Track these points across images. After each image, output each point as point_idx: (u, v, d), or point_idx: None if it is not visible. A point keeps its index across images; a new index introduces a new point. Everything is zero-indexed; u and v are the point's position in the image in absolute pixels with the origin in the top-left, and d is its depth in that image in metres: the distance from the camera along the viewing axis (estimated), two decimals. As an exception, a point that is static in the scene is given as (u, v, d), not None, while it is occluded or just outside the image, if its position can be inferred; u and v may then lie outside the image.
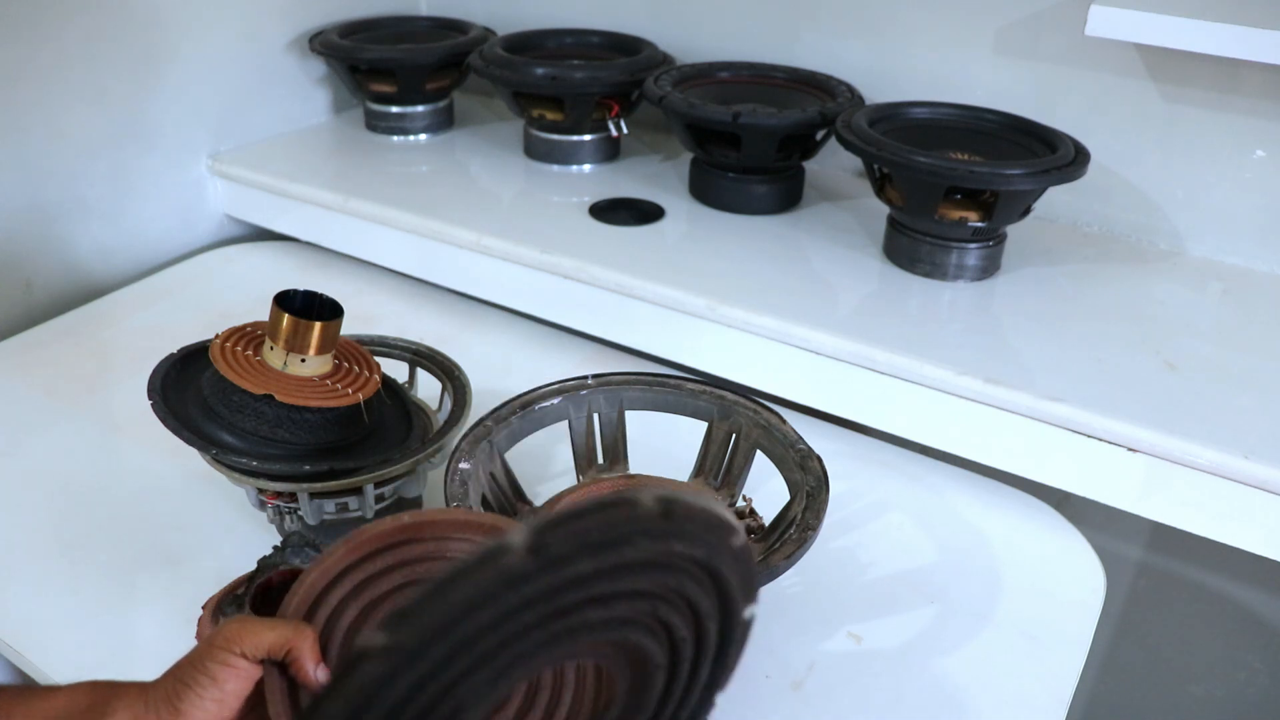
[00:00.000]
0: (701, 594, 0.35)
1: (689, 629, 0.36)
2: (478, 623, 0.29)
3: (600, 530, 0.30)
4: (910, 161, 0.91)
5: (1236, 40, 0.86)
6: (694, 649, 0.37)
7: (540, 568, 0.29)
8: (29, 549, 0.78)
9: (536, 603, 0.30)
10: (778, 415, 0.72)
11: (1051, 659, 0.71)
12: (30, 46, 1.03)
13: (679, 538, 0.32)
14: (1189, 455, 0.76)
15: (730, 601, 0.36)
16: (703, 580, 0.34)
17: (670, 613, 0.35)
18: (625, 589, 0.33)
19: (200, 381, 0.73)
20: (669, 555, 0.32)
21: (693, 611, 0.35)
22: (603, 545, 0.30)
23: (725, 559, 0.34)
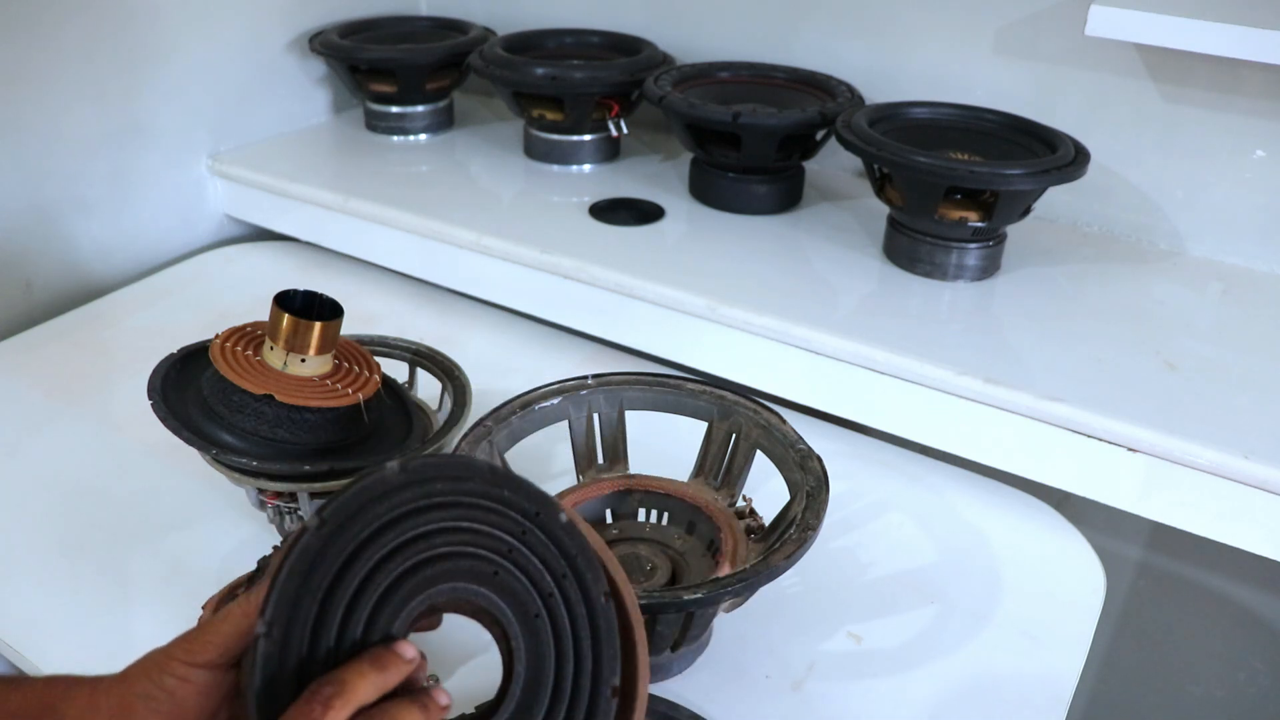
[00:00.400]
0: (549, 557, 0.46)
1: (552, 587, 0.46)
2: (374, 510, 0.43)
3: (448, 466, 0.45)
4: (910, 161, 0.91)
5: (1236, 40, 0.86)
6: (565, 612, 0.46)
7: (407, 479, 0.44)
8: (29, 549, 0.78)
9: (409, 502, 0.44)
10: (778, 415, 0.72)
11: (1051, 659, 0.71)
12: (30, 46, 1.03)
13: (509, 488, 0.46)
14: (1189, 455, 0.76)
15: (581, 577, 0.46)
16: (545, 545, 0.46)
17: (528, 565, 0.45)
18: (475, 516, 0.45)
19: (200, 382, 0.73)
20: (500, 498, 0.45)
21: (551, 575, 0.46)
22: (449, 475, 0.44)
23: (556, 526, 0.46)
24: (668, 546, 0.71)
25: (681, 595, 0.57)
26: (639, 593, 0.58)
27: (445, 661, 0.68)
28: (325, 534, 0.42)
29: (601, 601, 0.46)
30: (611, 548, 0.70)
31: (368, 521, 0.43)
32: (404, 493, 0.44)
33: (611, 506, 0.74)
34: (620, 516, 0.75)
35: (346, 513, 0.43)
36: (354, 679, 0.41)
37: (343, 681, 0.41)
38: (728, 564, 0.66)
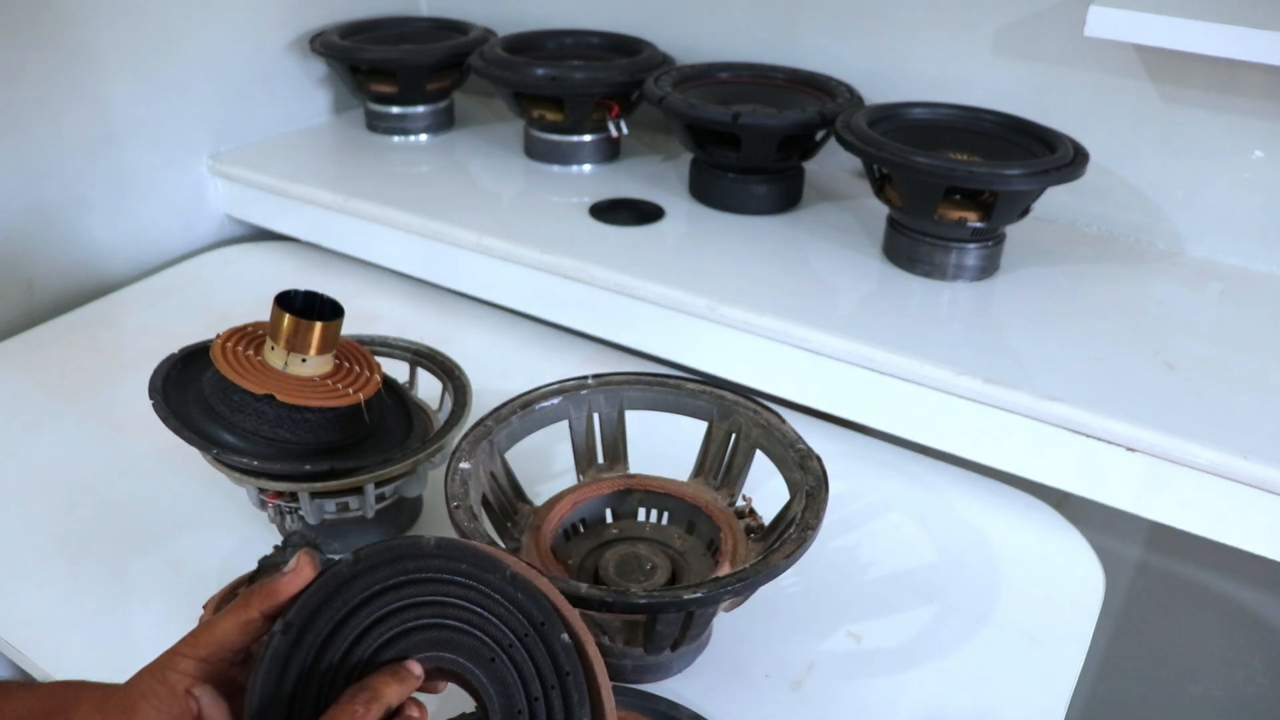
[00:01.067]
0: (543, 666, 0.49)
1: (539, 692, 0.49)
2: (404, 564, 0.48)
3: (392, 551, 0.49)
4: (909, 162, 0.91)
5: (1235, 41, 0.86)
6: (531, 664, 0.49)
7: (439, 551, 0.49)
8: (30, 548, 0.79)
9: (437, 570, 0.49)
10: (777, 415, 0.72)
11: (1051, 658, 0.72)
12: (30, 46, 1.03)
13: (523, 592, 0.49)
14: (1188, 455, 0.76)
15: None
16: (543, 654, 0.49)
17: (524, 664, 0.49)
18: (490, 606, 0.49)
19: (201, 381, 0.73)
20: (514, 599, 0.49)
21: (541, 683, 0.49)
22: (475, 562, 0.49)
23: (555, 642, 0.49)
24: (668, 546, 0.71)
25: (681, 595, 0.57)
26: (639, 592, 0.58)
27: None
28: (357, 568, 0.48)
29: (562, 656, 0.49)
30: (611, 547, 0.71)
31: (395, 571, 0.48)
32: (433, 560, 0.49)
33: (611, 506, 0.75)
34: (620, 516, 0.75)
35: (380, 558, 0.48)
36: (382, 686, 0.45)
37: (375, 688, 0.45)
38: (727, 564, 0.66)
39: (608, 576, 0.67)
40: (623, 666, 0.67)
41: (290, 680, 0.46)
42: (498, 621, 0.49)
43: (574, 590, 0.57)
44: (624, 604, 0.57)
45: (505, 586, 0.49)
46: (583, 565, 0.70)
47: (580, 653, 0.49)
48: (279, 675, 0.46)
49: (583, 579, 0.68)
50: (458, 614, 0.49)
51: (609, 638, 0.65)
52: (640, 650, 0.64)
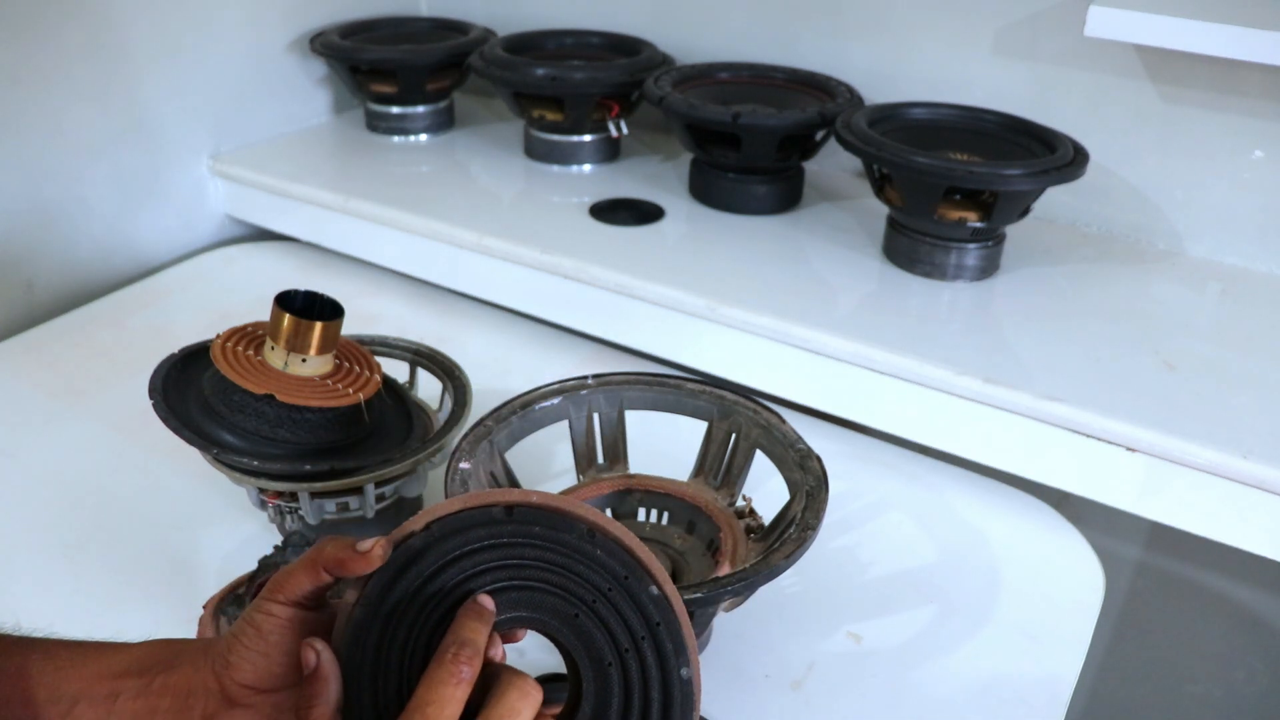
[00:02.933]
0: (632, 619, 0.48)
1: (630, 644, 0.47)
2: (476, 532, 0.47)
3: (462, 521, 0.47)
4: (909, 162, 0.91)
5: (1235, 41, 0.86)
6: (640, 672, 0.47)
7: (509, 517, 0.48)
8: (30, 549, 0.79)
9: (508, 535, 0.48)
10: (777, 415, 0.72)
11: (1051, 658, 0.72)
12: (30, 46, 1.03)
13: (602, 548, 0.48)
14: (1188, 455, 0.76)
15: (660, 646, 0.47)
16: (630, 607, 0.48)
17: (610, 619, 0.47)
18: (568, 564, 0.47)
19: (201, 381, 0.73)
20: (593, 556, 0.48)
21: (630, 634, 0.47)
22: (548, 523, 0.48)
23: (643, 593, 0.48)
24: (668, 546, 0.71)
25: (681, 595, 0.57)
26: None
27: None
28: (428, 539, 0.47)
29: (679, 675, 0.48)
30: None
31: (467, 539, 0.47)
32: (505, 526, 0.48)
33: (611, 506, 0.75)
34: (620, 516, 0.75)
35: (451, 527, 0.47)
36: (470, 634, 0.44)
37: (463, 638, 0.44)
38: (727, 563, 0.66)
39: (608, 576, 0.67)
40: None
41: (369, 651, 0.45)
42: (578, 578, 0.47)
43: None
44: (624, 604, 0.57)
45: (583, 544, 0.48)
46: (583, 565, 0.70)
47: (669, 603, 0.48)
48: (359, 647, 0.45)
49: (583, 579, 0.68)
50: (536, 574, 0.48)
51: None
52: (640, 650, 0.64)
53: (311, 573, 0.46)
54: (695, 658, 0.48)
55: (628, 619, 0.47)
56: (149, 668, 0.47)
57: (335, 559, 0.45)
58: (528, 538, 0.47)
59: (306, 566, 0.46)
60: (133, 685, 0.46)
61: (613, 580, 0.48)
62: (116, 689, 0.46)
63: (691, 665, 0.48)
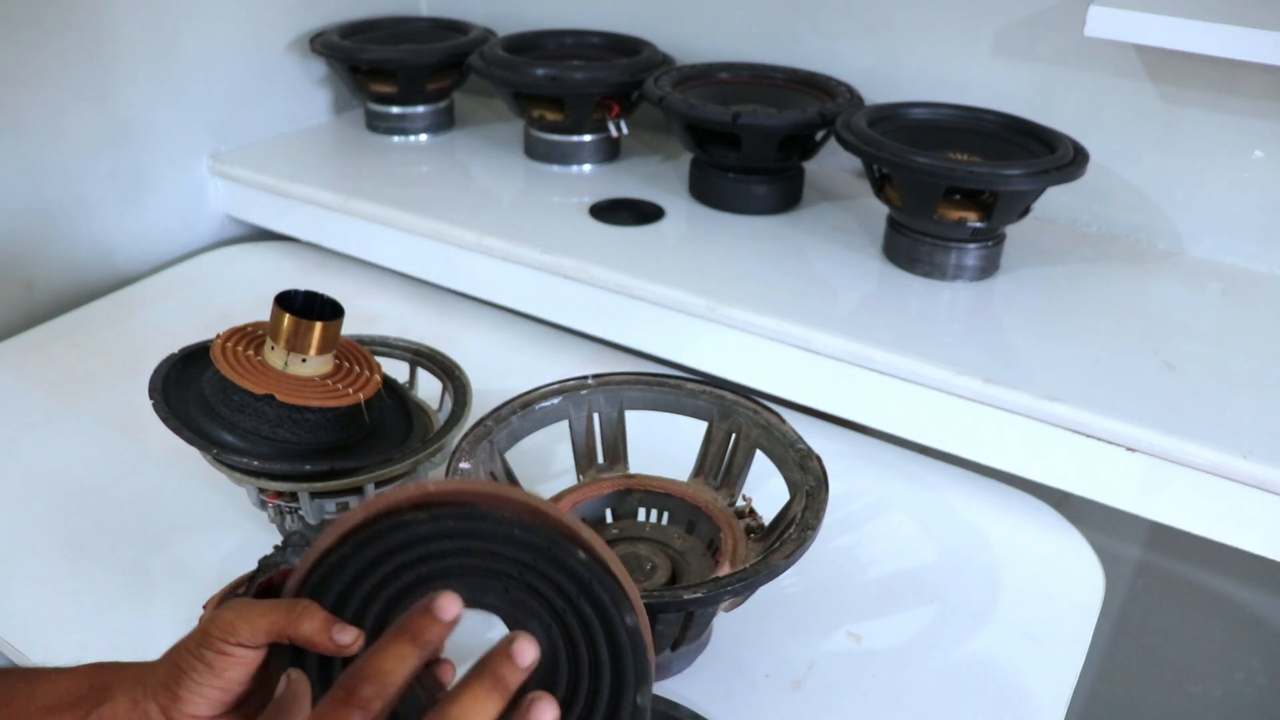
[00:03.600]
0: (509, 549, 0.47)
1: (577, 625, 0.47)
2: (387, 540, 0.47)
3: (375, 526, 0.47)
4: (909, 162, 0.91)
5: (1235, 41, 0.86)
6: (587, 646, 0.47)
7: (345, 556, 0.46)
8: (30, 549, 0.79)
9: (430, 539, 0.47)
10: (777, 415, 0.72)
11: (1051, 658, 0.72)
12: (30, 46, 1.03)
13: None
14: (1188, 455, 0.76)
15: (604, 610, 0.47)
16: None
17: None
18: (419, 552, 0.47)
19: (201, 381, 0.73)
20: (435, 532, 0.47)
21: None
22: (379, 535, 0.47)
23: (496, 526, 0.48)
24: (668, 546, 0.72)
25: (681, 595, 0.57)
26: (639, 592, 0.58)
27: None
28: (344, 553, 0.46)
29: (625, 624, 0.47)
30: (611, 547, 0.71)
31: (385, 546, 0.47)
32: (421, 526, 0.47)
33: (611, 506, 0.75)
34: (620, 516, 0.75)
35: (365, 538, 0.47)
36: (391, 665, 0.41)
37: (378, 674, 0.40)
38: (727, 563, 0.66)
39: (608, 576, 0.67)
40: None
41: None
42: (501, 558, 0.47)
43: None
44: (624, 604, 0.57)
45: (499, 528, 0.48)
46: (583, 565, 0.70)
47: (602, 564, 0.48)
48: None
49: (583, 579, 0.68)
50: (457, 563, 0.47)
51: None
52: (640, 650, 0.64)
53: (273, 631, 0.44)
54: (639, 606, 0.48)
55: (559, 583, 0.47)
56: (80, 699, 0.46)
57: (309, 640, 0.44)
58: (442, 535, 0.47)
59: (273, 623, 0.44)
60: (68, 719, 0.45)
61: (534, 553, 0.47)
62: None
63: (636, 613, 0.47)
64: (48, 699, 0.46)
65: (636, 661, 0.47)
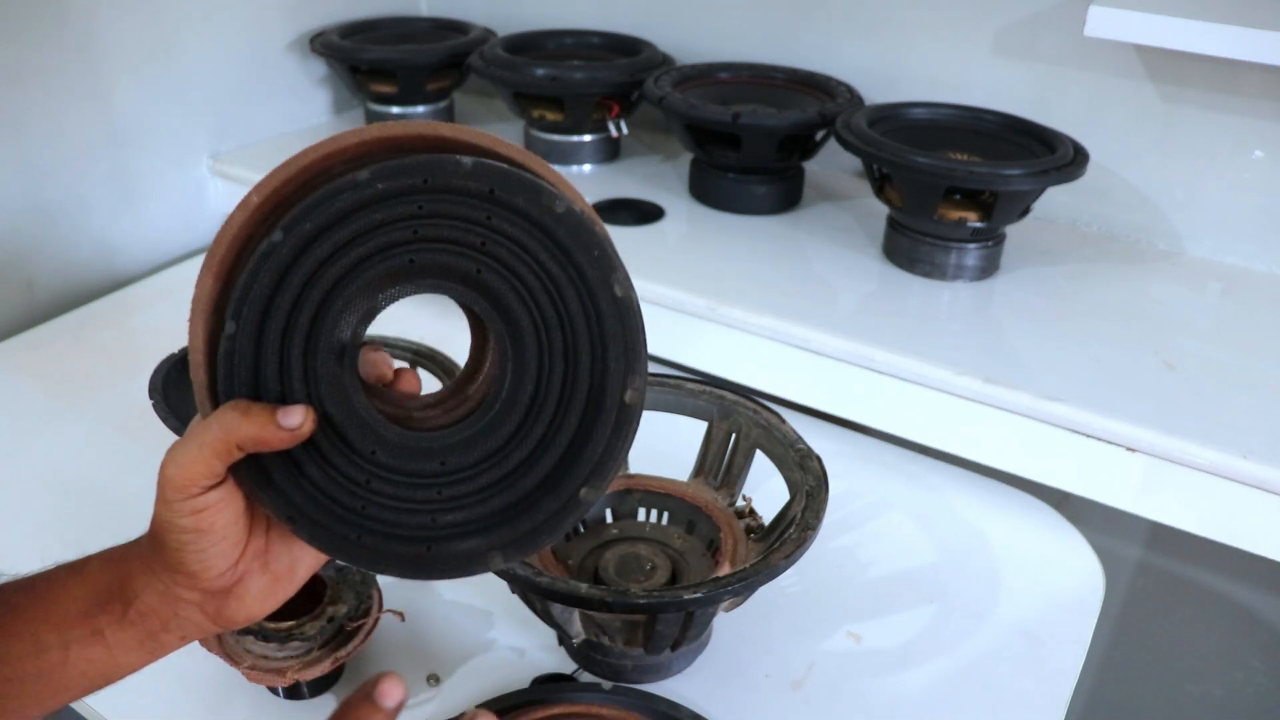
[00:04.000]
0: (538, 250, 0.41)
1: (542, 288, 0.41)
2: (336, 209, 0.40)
3: (420, 168, 0.40)
4: (909, 162, 0.91)
5: (1235, 41, 0.86)
6: (562, 325, 0.41)
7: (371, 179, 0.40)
8: (30, 549, 0.79)
9: (372, 204, 0.40)
10: (777, 415, 0.72)
11: (1051, 658, 0.72)
12: (31, 47, 1.03)
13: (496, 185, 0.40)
14: (1188, 455, 0.76)
15: (579, 269, 0.40)
16: (531, 237, 0.40)
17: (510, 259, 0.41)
18: (450, 211, 0.40)
19: (201, 381, 0.73)
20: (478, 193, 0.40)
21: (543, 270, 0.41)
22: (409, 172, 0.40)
23: (550, 219, 0.40)
24: (668, 546, 0.72)
25: (681, 595, 0.57)
26: (639, 592, 0.58)
27: (445, 661, 0.68)
28: (289, 238, 0.40)
29: (612, 295, 0.41)
30: (611, 548, 0.71)
31: (328, 216, 0.41)
32: (365, 189, 0.41)
33: (611, 506, 0.75)
34: (620, 516, 0.75)
35: (306, 213, 0.40)
36: None
37: None
38: (728, 563, 0.66)
39: (608, 577, 0.67)
40: (623, 666, 0.67)
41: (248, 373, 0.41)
42: (451, 219, 0.41)
43: (574, 590, 0.57)
44: (624, 604, 0.57)
45: (452, 181, 0.40)
46: (583, 565, 0.70)
47: (580, 218, 0.40)
48: (273, 284, 0.40)
49: (583, 579, 0.68)
50: (404, 235, 0.41)
51: (609, 638, 0.65)
52: (640, 650, 0.64)
53: (223, 455, 0.41)
54: (624, 273, 0.41)
55: (525, 244, 0.40)
56: (111, 597, 0.44)
57: (256, 438, 0.40)
58: (386, 198, 0.40)
59: (215, 449, 0.41)
60: (109, 619, 0.43)
61: (487, 203, 0.40)
62: (96, 626, 0.43)
63: (623, 282, 0.41)
64: (83, 601, 0.44)
65: (628, 343, 0.41)
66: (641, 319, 0.42)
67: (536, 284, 0.41)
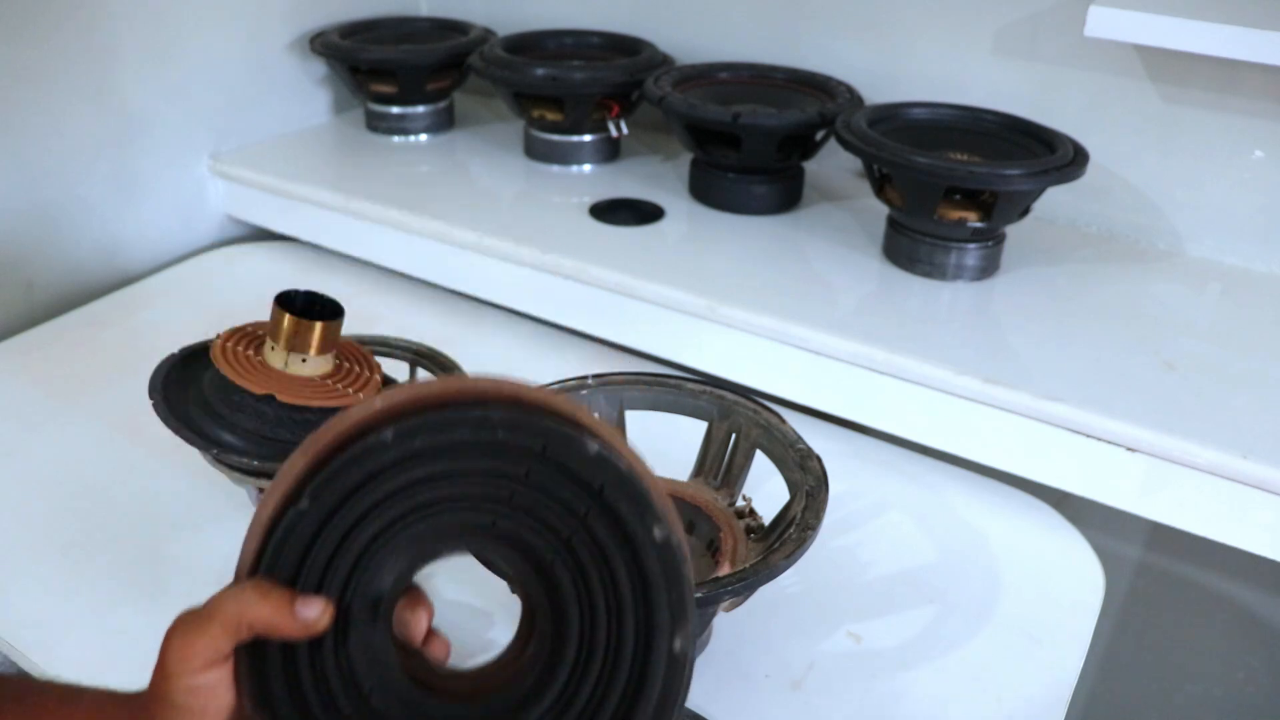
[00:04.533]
0: (566, 496, 0.38)
1: (573, 529, 0.38)
2: (357, 476, 0.38)
3: (432, 422, 0.38)
4: (909, 162, 0.91)
5: (1236, 41, 0.86)
6: (603, 579, 0.38)
7: (395, 439, 0.37)
8: (30, 548, 0.79)
9: (400, 467, 0.38)
10: (777, 415, 0.72)
11: (1051, 658, 0.72)
12: (30, 46, 1.03)
13: (503, 428, 0.37)
14: (1188, 455, 0.76)
15: (613, 511, 0.37)
16: (559, 482, 0.37)
17: (551, 517, 0.38)
18: (464, 467, 0.38)
19: (201, 381, 0.73)
20: (495, 441, 0.37)
21: (572, 514, 0.38)
22: (433, 428, 0.37)
23: (572, 459, 0.37)
24: (668, 546, 0.71)
25: (681, 595, 0.57)
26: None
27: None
28: (316, 506, 0.39)
29: (653, 539, 0.37)
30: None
31: (350, 483, 0.39)
32: (388, 452, 0.38)
33: (611, 506, 0.75)
34: (620, 516, 0.75)
35: (332, 477, 0.39)
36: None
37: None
38: (728, 563, 0.66)
39: (608, 576, 0.67)
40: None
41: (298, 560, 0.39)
42: (485, 476, 0.38)
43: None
44: (624, 604, 0.57)
45: (479, 435, 0.37)
46: (583, 565, 0.70)
47: (616, 457, 0.38)
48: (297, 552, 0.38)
49: (583, 579, 0.68)
50: (428, 497, 0.39)
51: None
52: (640, 650, 0.64)
53: (231, 634, 0.39)
54: (673, 517, 0.38)
55: (562, 496, 0.38)
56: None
57: (268, 623, 0.39)
58: (411, 458, 0.38)
59: (225, 623, 0.39)
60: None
61: (524, 460, 0.37)
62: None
63: (668, 525, 0.38)
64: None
65: (671, 592, 0.37)
66: (687, 563, 0.38)
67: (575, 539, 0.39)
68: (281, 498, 0.39)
